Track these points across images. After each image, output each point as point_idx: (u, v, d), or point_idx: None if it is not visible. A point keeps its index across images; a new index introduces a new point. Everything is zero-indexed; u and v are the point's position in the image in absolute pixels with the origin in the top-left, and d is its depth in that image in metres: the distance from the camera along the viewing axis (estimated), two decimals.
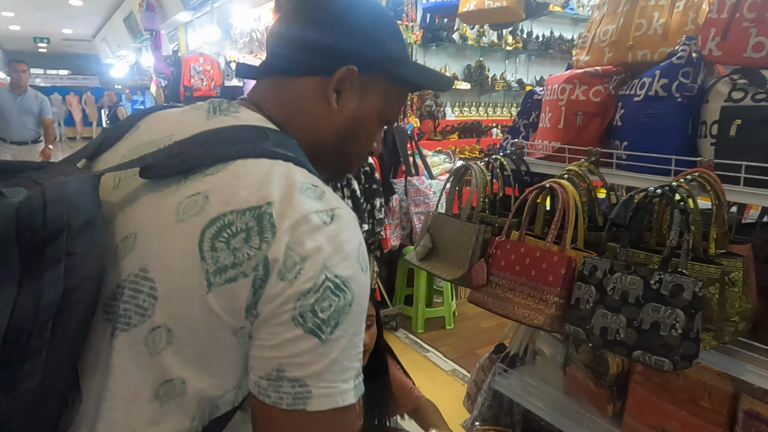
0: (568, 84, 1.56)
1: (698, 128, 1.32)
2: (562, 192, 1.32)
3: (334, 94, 0.68)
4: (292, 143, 0.66)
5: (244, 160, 0.58)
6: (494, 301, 1.35)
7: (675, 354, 1.02)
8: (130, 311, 0.56)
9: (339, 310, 0.55)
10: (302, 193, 0.57)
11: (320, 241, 0.55)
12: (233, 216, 0.55)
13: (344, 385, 0.56)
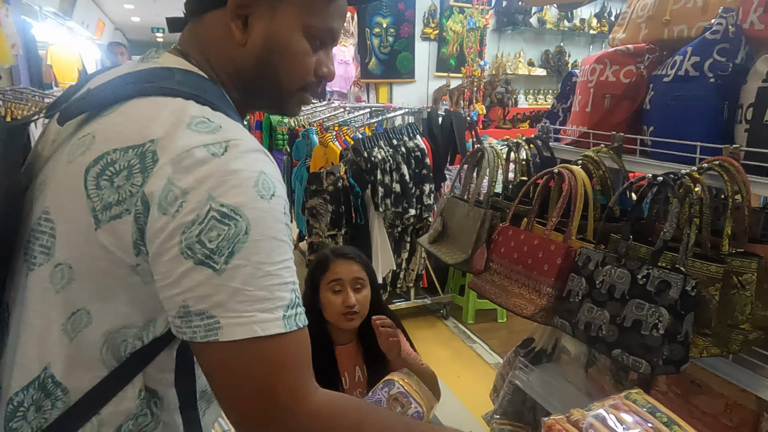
0: (598, 64, 1.45)
1: (735, 112, 1.17)
2: (570, 178, 1.24)
3: (238, 22, 0.65)
4: (202, 82, 0.65)
5: (138, 99, 0.59)
6: (491, 288, 1.30)
7: (655, 356, 0.93)
8: (35, 251, 0.61)
9: (230, 238, 0.54)
10: (189, 128, 0.57)
11: (205, 172, 0.55)
12: (116, 154, 0.56)
13: (263, 314, 0.55)
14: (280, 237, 0.58)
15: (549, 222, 1.23)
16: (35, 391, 0.61)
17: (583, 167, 1.29)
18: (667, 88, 1.25)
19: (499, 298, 1.27)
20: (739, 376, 1.13)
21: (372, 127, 3.48)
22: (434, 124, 3.20)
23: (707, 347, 0.99)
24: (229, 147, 0.57)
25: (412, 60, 4.17)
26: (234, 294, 0.54)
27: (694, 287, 0.93)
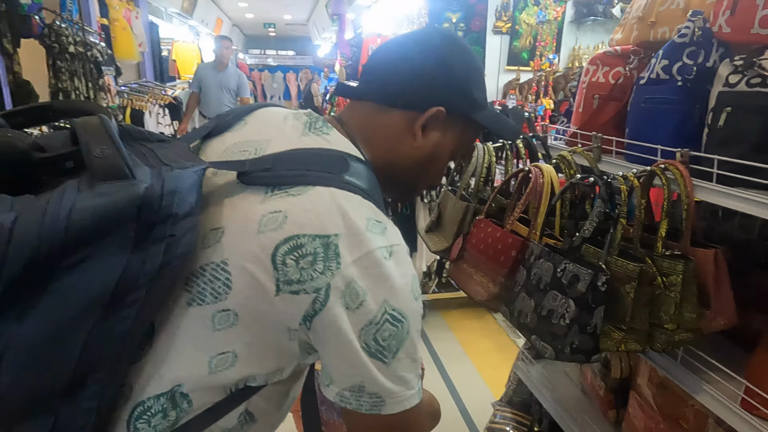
0: (591, 65, 1.47)
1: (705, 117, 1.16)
2: (538, 175, 1.31)
3: (421, 130, 0.78)
4: (367, 172, 0.74)
5: (323, 188, 0.67)
6: (460, 275, 1.41)
7: (560, 343, 1.00)
8: (206, 291, 0.65)
9: (398, 336, 0.65)
10: (368, 230, 0.65)
11: (381, 275, 0.64)
12: (304, 239, 0.63)
13: (410, 391, 0.68)
14: (419, 327, 0.70)
15: (510, 217, 1.31)
16: (166, 401, 0.67)
17: (555, 166, 1.34)
18: (641, 90, 1.26)
19: (463, 284, 1.38)
20: (684, 378, 1.14)
21: None
22: (517, 121, 3.23)
23: (625, 342, 1.03)
24: (393, 252, 0.66)
25: (483, 54, 4.18)
26: (397, 381, 0.67)
27: (605, 283, 0.99)
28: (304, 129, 0.76)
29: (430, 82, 0.77)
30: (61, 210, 0.54)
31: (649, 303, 1.02)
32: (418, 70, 0.77)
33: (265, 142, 0.75)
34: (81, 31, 4.17)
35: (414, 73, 0.77)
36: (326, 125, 0.77)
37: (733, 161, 0.99)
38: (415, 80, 0.77)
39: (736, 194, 0.98)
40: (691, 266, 1.01)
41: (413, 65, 0.77)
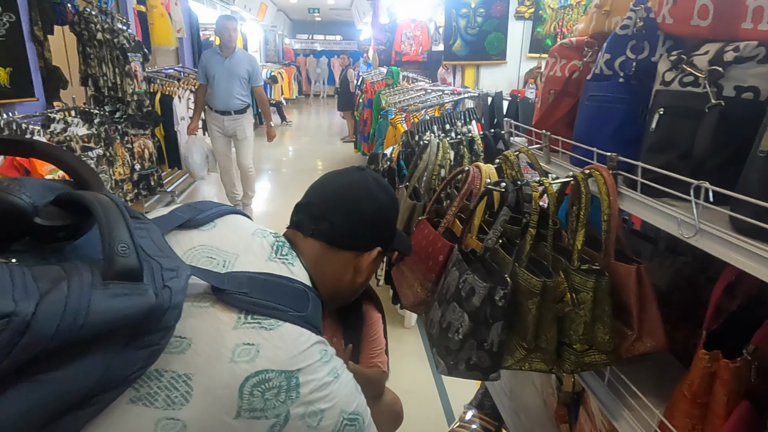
0: (550, 57, 1.36)
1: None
2: (475, 176, 1.23)
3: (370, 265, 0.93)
4: (318, 306, 0.82)
5: (291, 326, 0.74)
6: (398, 277, 1.36)
7: (453, 358, 0.94)
8: (158, 396, 0.65)
9: (358, 430, 0.78)
10: (320, 362, 0.74)
11: (333, 394, 0.74)
12: (272, 374, 0.69)
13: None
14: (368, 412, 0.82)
15: (444, 221, 1.24)
16: None
17: (498, 167, 1.26)
18: (587, 86, 1.15)
19: (398, 286, 1.33)
20: (607, 401, 1.06)
21: (443, 109, 3.50)
22: (497, 110, 3.11)
23: (529, 361, 0.96)
24: (338, 371, 0.77)
25: (504, 40, 4.01)
26: None
27: (503, 297, 0.92)
28: (270, 253, 0.82)
29: (373, 229, 0.92)
30: (80, 308, 0.54)
31: (555, 320, 0.94)
32: (364, 220, 0.90)
33: (233, 256, 0.79)
34: (109, 18, 4.32)
35: (362, 222, 0.90)
36: (291, 254, 0.85)
37: (656, 170, 0.89)
38: (362, 229, 0.91)
39: (654, 206, 0.89)
40: (604, 283, 0.92)
41: (361, 215, 0.90)
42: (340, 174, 0.96)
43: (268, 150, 9.28)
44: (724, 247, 0.76)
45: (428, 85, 3.96)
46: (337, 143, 9.80)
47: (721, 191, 0.76)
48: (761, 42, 0.82)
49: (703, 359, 0.83)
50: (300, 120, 13.61)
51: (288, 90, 13.63)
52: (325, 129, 12.12)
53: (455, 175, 1.31)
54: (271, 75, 11.05)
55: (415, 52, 7.57)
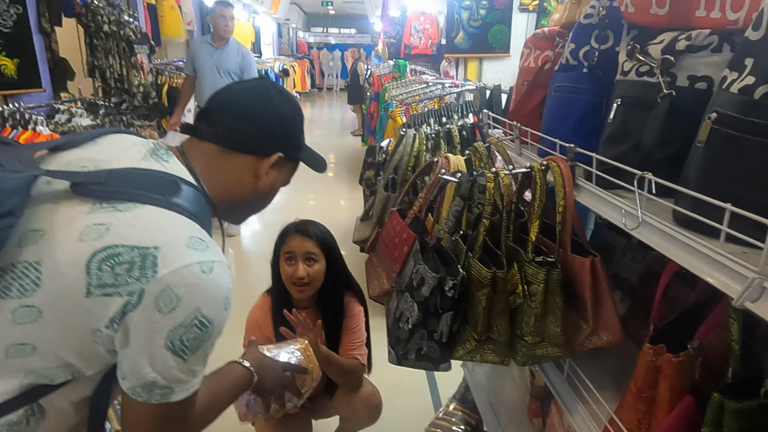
0: (526, 48, 1.35)
1: None
2: (443, 166, 1.23)
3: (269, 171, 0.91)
4: (197, 197, 0.81)
5: (151, 207, 0.73)
6: (370, 268, 1.36)
7: (402, 348, 0.94)
8: (12, 286, 0.69)
9: (201, 339, 0.73)
10: (189, 245, 0.72)
11: (196, 286, 0.71)
12: (122, 249, 0.69)
13: (195, 380, 0.76)
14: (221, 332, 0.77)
15: (411, 212, 1.24)
16: None
17: (467, 158, 1.26)
18: (553, 77, 1.14)
19: (368, 277, 1.33)
20: (565, 395, 1.05)
21: (443, 102, 3.48)
22: (494, 103, 3.08)
23: (481, 352, 0.96)
24: (214, 267, 0.74)
25: (508, 33, 3.97)
26: (188, 373, 0.74)
27: (452, 288, 0.91)
28: (146, 154, 0.82)
29: (268, 130, 0.91)
30: None
31: (507, 312, 0.94)
32: (259, 123, 0.90)
33: (106, 161, 0.79)
34: (116, 11, 4.37)
35: (256, 125, 0.89)
36: (168, 153, 0.84)
37: (608, 162, 0.88)
38: (254, 129, 0.89)
39: (605, 198, 0.87)
40: (555, 275, 0.92)
41: (253, 114, 0.89)
42: (240, 83, 0.97)
43: None
44: (664, 240, 0.74)
45: (430, 77, 3.94)
46: (349, 136, 9.81)
47: (664, 183, 0.75)
48: (714, 30, 0.80)
49: (647, 353, 0.82)
50: (312, 113, 13.64)
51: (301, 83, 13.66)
52: (337, 122, 12.12)
53: (426, 166, 1.30)
54: (283, 68, 11.08)
55: (425, 46, 7.52)
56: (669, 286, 1.14)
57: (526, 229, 1.12)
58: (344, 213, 5.21)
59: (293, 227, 1.64)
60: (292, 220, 1.72)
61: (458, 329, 0.96)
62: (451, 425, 1.85)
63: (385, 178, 1.47)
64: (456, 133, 1.47)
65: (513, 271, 0.94)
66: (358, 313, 1.76)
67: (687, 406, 0.78)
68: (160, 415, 0.75)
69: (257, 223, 5.23)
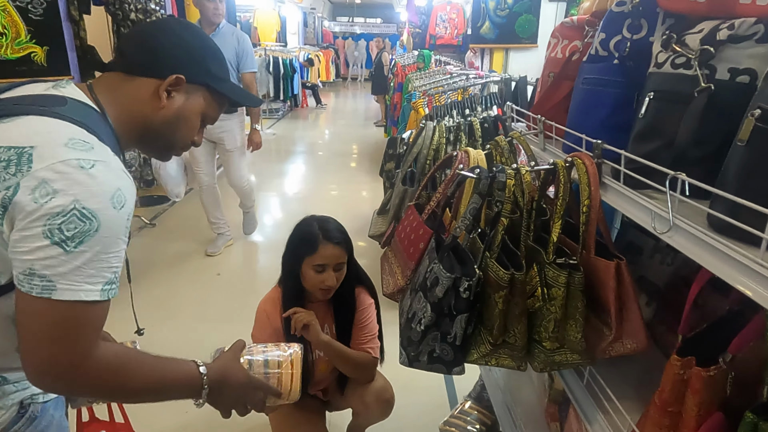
0: (553, 38, 1.29)
1: None
2: (462, 161, 1.18)
3: (165, 93, 0.91)
4: (89, 112, 0.84)
5: (32, 116, 0.77)
6: (385, 263, 1.33)
7: (414, 350, 0.91)
8: None
9: (84, 232, 0.72)
10: (67, 145, 0.74)
11: (75, 179, 0.72)
12: (2, 149, 0.73)
13: (90, 286, 0.74)
14: (118, 236, 0.78)
15: (427, 207, 1.20)
16: None
17: (488, 153, 1.21)
18: (582, 68, 1.08)
19: (382, 272, 1.30)
20: (584, 402, 1.00)
21: (467, 94, 3.41)
22: (520, 95, 3.00)
23: (496, 356, 0.92)
24: (96, 164, 0.75)
25: (536, 23, 3.86)
26: (75, 271, 0.73)
27: (467, 289, 0.87)
28: (48, 87, 0.86)
29: (167, 53, 0.92)
30: None
31: (525, 316, 0.89)
32: (157, 44, 0.92)
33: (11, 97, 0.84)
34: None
35: (153, 46, 0.92)
36: (69, 84, 0.88)
37: (638, 160, 0.82)
38: (153, 52, 0.91)
39: (634, 198, 0.82)
40: (577, 278, 0.87)
41: (152, 40, 0.92)
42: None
43: (303, 132, 9.35)
44: (697, 247, 0.69)
45: (454, 68, 3.86)
46: (372, 127, 9.77)
47: (699, 184, 0.69)
48: (760, 19, 0.74)
49: (674, 365, 0.77)
50: (336, 103, 13.63)
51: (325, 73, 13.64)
52: (361, 113, 12.09)
53: (445, 160, 1.26)
54: (308, 57, 11.06)
55: (450, 36, 7.41)
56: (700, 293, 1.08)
57: (548, 228, 1.08)
58: (366, 204, 5.18)
59: (320, 234, 1.55)
60: (313, 211, 1.69)
61: (473, 332, 0.93)
62: (466, 424, 1.82)
63: (403, 171, 1.43)
64: (477, 126, 1.42)
65: (532, 272, 0.89)
66: (369, 305, 1.74)
67: (716, 424, 0.73)
68: (45, 315, 0.73)
69: (280, 211, 5.25)
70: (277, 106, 10.21)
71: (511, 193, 0.91)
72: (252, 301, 1.87)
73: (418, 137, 1.44)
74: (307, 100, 11.82)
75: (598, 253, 0.92)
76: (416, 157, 1.44)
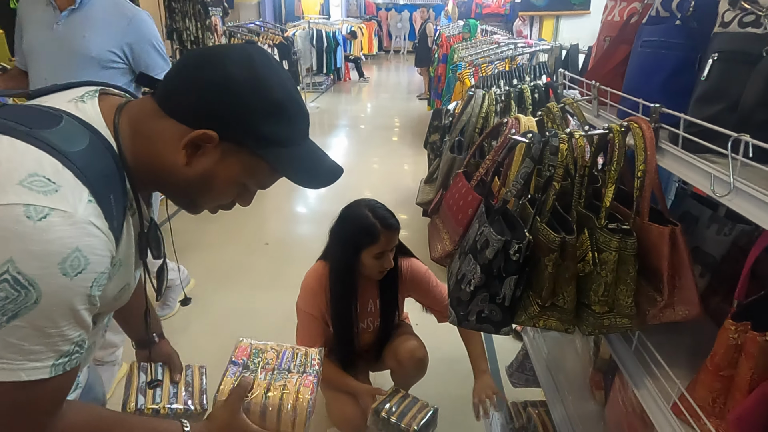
0: (610, 1, 1.25)
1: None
2: (513, 127, 1.18)
3: (188, 149, 0.71)
4: (84, 142, 0.67)
5: (4, 137, 0.62)
6: (432, 229, 1.35)
7: (463, 309, 0.93)
8: None
9: (17, 303, 0.58)
10: (23, 183, 0.59)
11: (13, 233, 0.57)
12: None
13: (34, 363, 0.62)
14: (76, 306, 0.63)
15: (477, 174, 1.21)
16: None
17: (539, 119, 1.20)
18: (641, 31, 1.05)
19: (430, 238, 1.32)
20: (632, 368, 1.01)
21: (514, 64, 3.34)
22: (571, 64, 2.91)
23: (544, 318, 0.93)
24: (52, 214, 0.59)
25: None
26: (7, 346, 0.60)
27: (517, 252, 0.89)
28: (74, 98, 0.73)
29: (206, 98, 0.70)
30: None
31: (574, 279, 0.90)
32: (200, 84, 0.70)
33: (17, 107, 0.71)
34: None
35: (194, 84, 0.70)
36: (91, 98, 0.73)
37: (698, 123, 0.81)
38: (192, 92, 0.70)
39: (693, 163, 0.81)
40: (629, 243, 0.87)
41: (197, 78, 0.70)
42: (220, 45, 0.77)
43: (346, 106, 9.37)
44: (760, 209, 0.68)
45: (501, 38, 3.77)
46: (415, 100, 9.68)
47: (763, 145, 0.67)
48: None
49: (728, 329, 0.77)
50: (379, 76, 13.54)
51: (368, 45, 13.53)
52: (404, 86, 11.98)
53: (495, 128, 1.26)
54: (351, 30, 11.00)
55: (497, 4, 7.20)
56: (758, 263, 1.05)
57: (599, 196, 1.07)
58: (408, 177, 5.20)
59: (378, 223, 1.59)
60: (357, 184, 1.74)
61: (521, 294, 0.94)
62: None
63: (451, 140, 1.44)
64: (528, 94, 1.40)
65: (583, 237, 0.89)
66: (426, 270, 1.82)
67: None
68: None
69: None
70: (320, 79, 10.25)
71: (564, 157, 0.90)
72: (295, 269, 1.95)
73: (467, 105, 1.44)
74: (350, 74, 11.79)
75: (652, 219, 0.92)
76: (464, 126, 1.44)
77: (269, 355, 1.08)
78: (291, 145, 0.75)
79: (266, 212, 4.39)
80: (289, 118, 0.74)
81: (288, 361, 1.07)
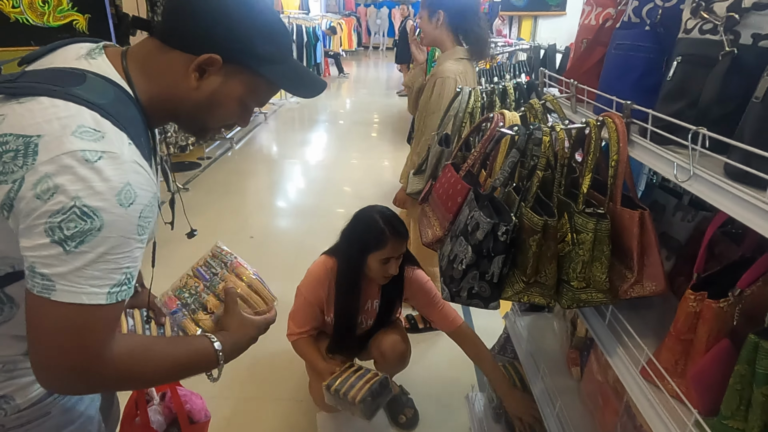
0: (587, 5, 1.35)
1: None
2: (498, 122, 1.28)
3: (196, 73, 0.81)
4: (112, 94, 0.76)
5: (44, 98, 0.71)
6: (422, 217, 1.44)
7: (455, 286, 1.03)
8: None
9: (84, 231, 0.68)
10: (74, 134, 0.69)
11: (76, 174, 0.67)
12: (11, 138, 0.69)
13: (94, 288, 0.70)
14: (128, 235, 0.73)
15: (465, 164, 1.30)
16: None
17: (522, 115, 1.30)
18: (614, 35, 1.15)
19: (420, 225, 1.41)
20: (606, 340, 1.12)
21: (495, 62, 3.45)
22: (549, 63, 3.03)
23: (528, 294, 1.03)
24: (104, 156, 0.69)
25: None
26: (76, 272, 0.69)
27: (504, 233, 0.98)
28: (81, 55, 0.80)
29: (205, 26, 0.79)
30: None
31: (555, 258, 1.00)
32: (197, 14, 0.79)
33: (34, 71, 0.79)
34: None
35: (193, 15, 0.79)
36: (101, 55, 0.81)
37: (664, 118, 0.91)
38: (191, 23, 0.79)
39: (658, 153, 0.91)
40: (604, 225, 0.97)
41: (194, 8, 0.79)
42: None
43: (326, 101, 9.41)
44: (715, 193, 0.79)
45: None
46: (395, 96, 9.77)
47: (717, 137, 0.78)
48: None
49: (688, 298, 0.88)
50: (358, 72, 13.59)
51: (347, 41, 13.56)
52: (383, 82, 12.06)
53: (481, 122, 1.36)
54: (330, 26, 11.01)
55: None
56: (716, 243, 1.17)
57: (577, 186, 1.17)
58: (388, 172, 5.29)
59: (387, 230, 1.68)
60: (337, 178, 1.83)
61: (508, 272, 1.04)
62: None
63: (439, 134, 1.53)
64: (511, 90, 1.50)
65: (563, 220, 1.00)
66: (428, 280, 1.92)
67: (723, 347, 0.84)
68: (47, 316, 0.70)
69: (302, 179, 5.39)
70: None
71: (546, 148, 1.00)
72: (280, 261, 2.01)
73: (453, 101, 1.53)
74: (330, 69, 11.82)
75: (624, 204, 1.02)
76: (452, 121, 1.54)
77: (191, 282, 1.14)
78: (283, 62, 0.86)
79: (251, 206, 4.43)
80: (280, 37, 0.85)
81: (208, 272, 1.15)
